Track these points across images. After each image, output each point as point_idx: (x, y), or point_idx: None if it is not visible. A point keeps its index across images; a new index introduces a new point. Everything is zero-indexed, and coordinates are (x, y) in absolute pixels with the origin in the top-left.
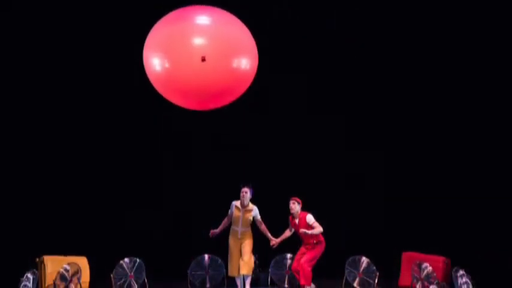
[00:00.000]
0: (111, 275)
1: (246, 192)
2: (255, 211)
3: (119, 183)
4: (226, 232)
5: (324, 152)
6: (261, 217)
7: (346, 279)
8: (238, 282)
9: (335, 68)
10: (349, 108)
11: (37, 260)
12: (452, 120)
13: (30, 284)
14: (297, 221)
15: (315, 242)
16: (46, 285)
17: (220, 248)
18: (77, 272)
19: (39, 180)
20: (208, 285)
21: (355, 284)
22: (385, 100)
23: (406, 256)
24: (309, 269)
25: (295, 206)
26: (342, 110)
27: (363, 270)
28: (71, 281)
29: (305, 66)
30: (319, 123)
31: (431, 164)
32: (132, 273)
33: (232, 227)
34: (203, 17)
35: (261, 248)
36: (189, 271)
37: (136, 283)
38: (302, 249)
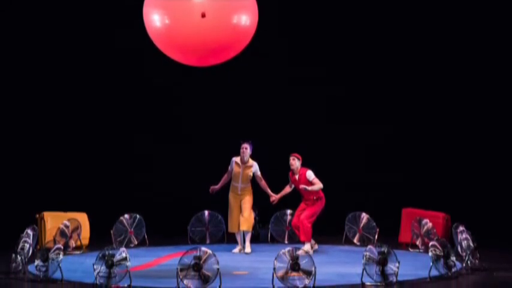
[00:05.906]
0: (111, 231)
1: (246, 148)
2: (255, 167)
3: (119, 140)
4: (226, 188)
5: (324, 108)
6: (261, 173)
7: (346, 235)
8: (238, 238)
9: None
10: (353, 62)
11: (37, 216)
12: (455, 84)
13: (30, 240)
14: (297, 177)
15: (315, 198)
16: (46, 241)
17: (220, 204)
18: (77, 228)
19: (40, 137)
20: (208, 241)
21: (355, 240)
22: (389, 59)
23: (406, 212)
24: (309, 225)
25: (295, 162)
26: (346, 62)
27: (363, 226)
28: (70, 237)
29: (305, 21)
30: (319, 78)
31: (432, 121)
32: (132, 229)
33: (232, 183)
34: None
35: (261, 204)
36: (189, 227)
37: (136, 239)
38: (302, 205)
